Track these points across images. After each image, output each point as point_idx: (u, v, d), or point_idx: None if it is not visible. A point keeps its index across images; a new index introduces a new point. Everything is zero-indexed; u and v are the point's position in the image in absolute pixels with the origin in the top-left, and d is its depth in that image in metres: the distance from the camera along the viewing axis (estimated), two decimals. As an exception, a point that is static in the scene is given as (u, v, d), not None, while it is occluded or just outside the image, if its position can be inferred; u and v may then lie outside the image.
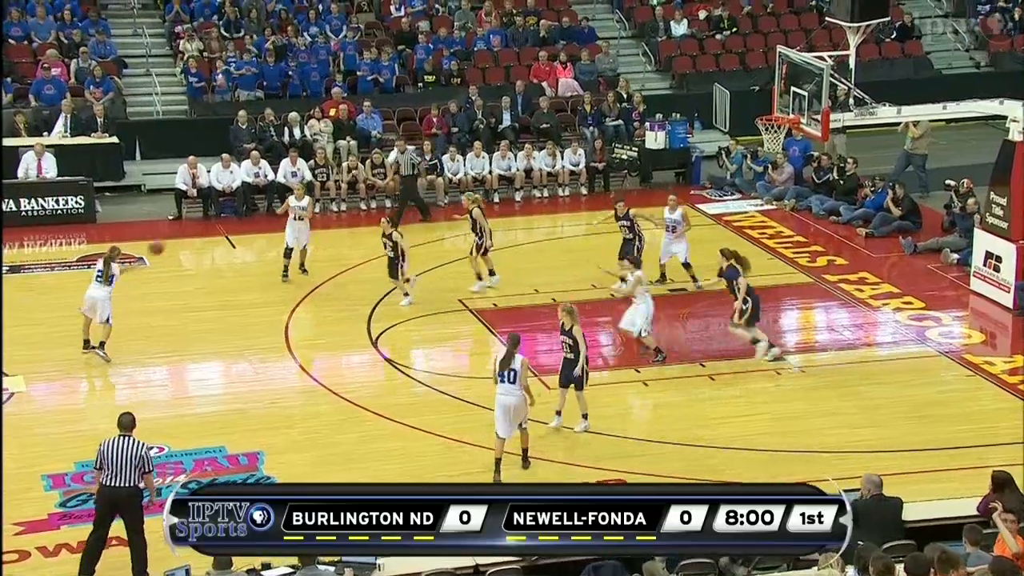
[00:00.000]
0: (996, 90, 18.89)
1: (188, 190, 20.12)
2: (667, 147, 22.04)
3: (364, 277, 17.27)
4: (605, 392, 13.48)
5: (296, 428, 12.73)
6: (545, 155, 21.50)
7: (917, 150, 20.83)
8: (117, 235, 18.75)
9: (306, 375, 14.12)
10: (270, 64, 23.02)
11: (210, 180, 20.19)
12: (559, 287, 16.65)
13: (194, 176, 20.08)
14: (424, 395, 13.55)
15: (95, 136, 20.86)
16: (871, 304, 16.22)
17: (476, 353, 15.07)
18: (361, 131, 21.93)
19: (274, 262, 17.13)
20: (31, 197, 19.48)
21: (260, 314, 15.80)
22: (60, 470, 11.49)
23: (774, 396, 13.52)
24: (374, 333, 15.18)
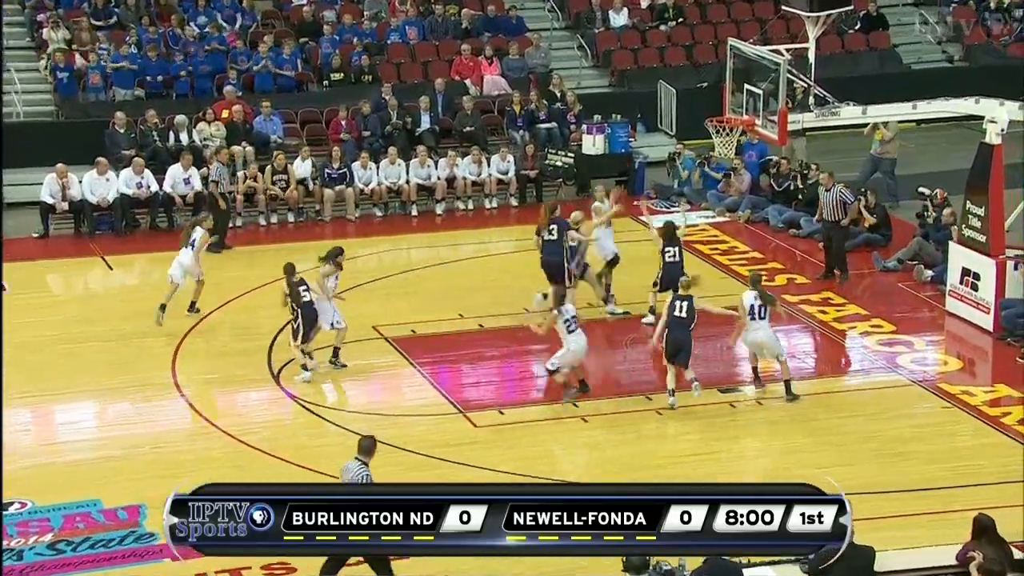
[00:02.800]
0: (971, 87, 19.39)
1: (56, 203, 19.79)
2: (606, 152, 22.23)
3: (264, 302, 17.11)
4: (537, 430, 13.49)
5: (183, 477, 12.46)
6: (469, 162, 21.55)
7: (886, 154, 21.26)
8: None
9: (197, 415, 13.97)
10: (152, 59, 22.78)
11: (83, 192, 19.90)
12: (486, 311, 16.66)
13: (63, 187, 19.77)
14: (336, 437, 13.43)
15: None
16: (836, 328, 16.46)
17: (393, 387, 14.99)
18: (259, 136, 21.79)
19: (159, 286, 16.88)
20: None
21: (142, 346, 15.58)
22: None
23: (729, 432, 13.64)
24: (276, 366, 15.03)
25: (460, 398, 14.30)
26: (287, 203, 20.86)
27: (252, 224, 20.79)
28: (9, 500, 11.71)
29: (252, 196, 20.73)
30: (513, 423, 13.69)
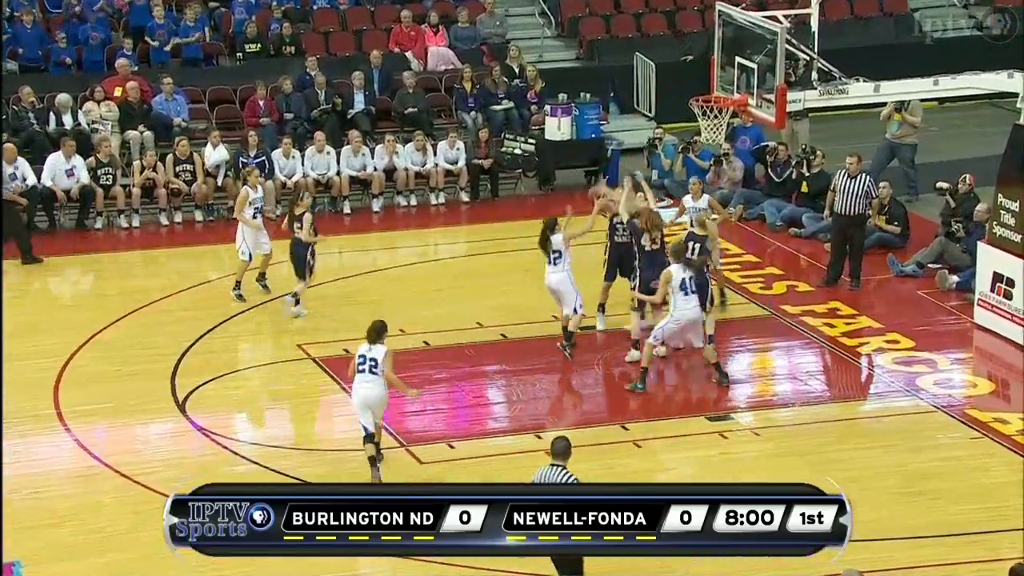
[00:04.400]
0: (1002, 60, 19.53)
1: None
2: (573, 138, 22.29)
3: (167, 317, 16.99)
4: (494, 467, 13.46)
5: (67, 527, 12.44)
6: (412, 150, 21.53)
7: (904, 139, 21.42)
8: None
9: (83, 452, 13.86)
10: (26, 25, 22.57)
11: (-55, 185, 19.69)
12: (433, 325, 16.63)
13: (-80, 180, 19.55)
14: (250, 475, 13.35)
15: None
16: (845, 344, 16.56)
17: (322, 416, 14.94)
18: (159, 118, 21.67)
19: (39, 296, 16.74)
20: None
21: (17, 369, 15.39)
22: None
23: (721, 467, 13.67)
24: (181, 392, 14.93)
25: (402, 429, 14.26)
26: (193, 199, 20.74)
27: (152, 223, 20.65)
28: None
29: (151, 191, 20.60)
30: (465, 458, 13.66)
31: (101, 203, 20.38)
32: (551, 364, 15.69)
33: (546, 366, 15.70)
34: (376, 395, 13.11)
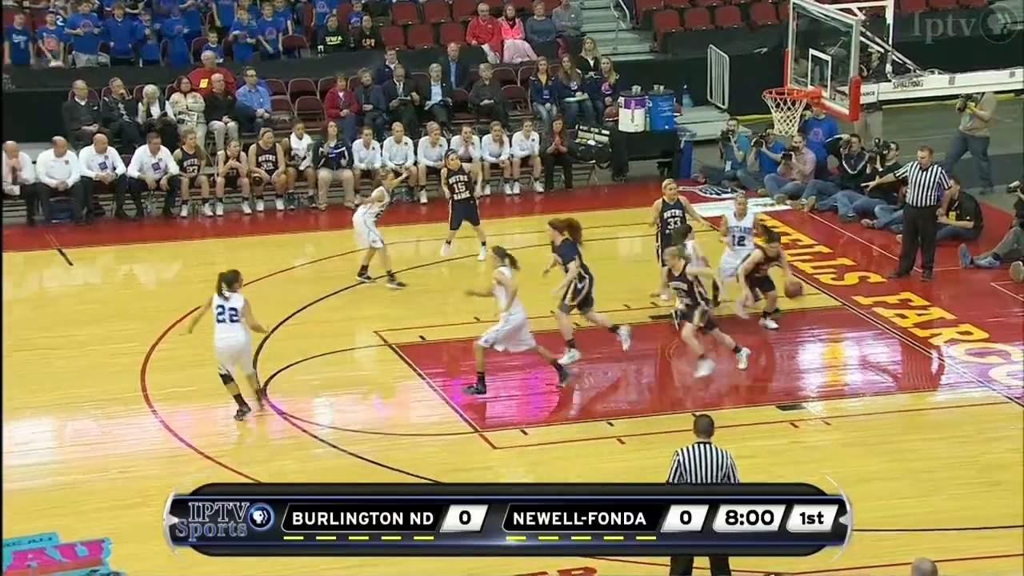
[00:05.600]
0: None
1: (6, 187, 19.85)
2: (647, 129, 22.18)
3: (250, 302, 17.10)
4: (564, 453, 13.43)
5: (153, 506, 12.47)
6: (489, 141, 21.50)
7: (977, 131, 21.10)
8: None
9: (169, 434, 13.94)
10: (117, 19, 22.82)
11: (37, 174, 19.95)
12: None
13: (14, 169, 19.83)
14: (329, 460, 13.41)
15: None
16: (917, 335, 16.34)
17: (398, 403, 14.95)
18: (243, 109, 21.81)
19: (126, 282, 16.92)
20: None
21: (107, 354, 15.61)
22: None
23: (790, 456, 13.54)
24: (262, 377, 15.02)
25: (476, 415, 14.25)
26: (275, 188, 20.87)
27: (235, 212, 20.81)
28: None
29: (234, 180, 20.75)
30: (538, 444, 13.62)
31: (186, 192, 20.57)
32: (622, 353, 15.61)
33: (617, 354, 15.62)
34: (238, 343, 13.56)
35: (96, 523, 12.06)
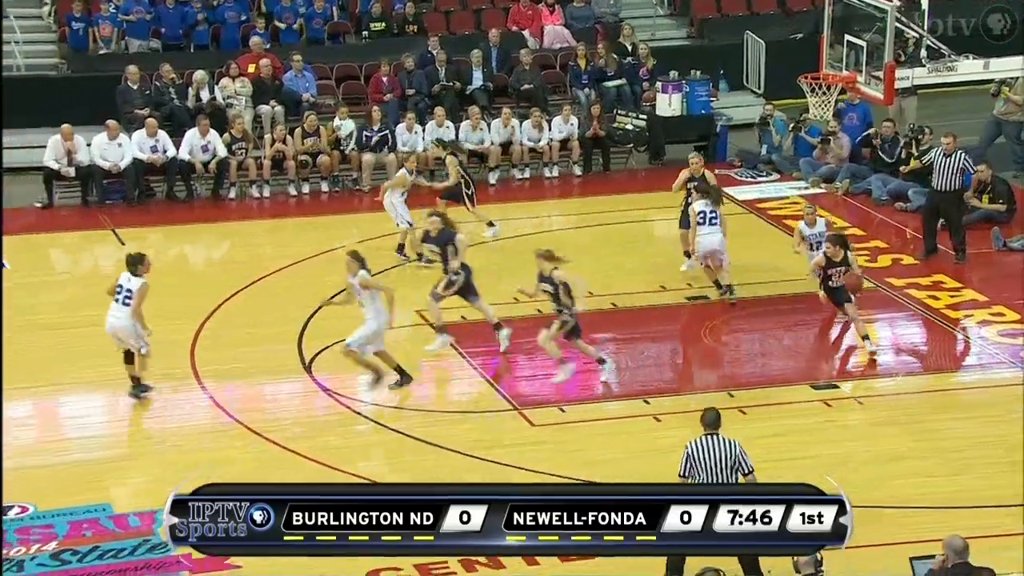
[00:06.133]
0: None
1: (62, 169, 20.00)
2: (684, 114, 22.11)
3: (294, 283, 17.18)
4: (603, 431, 13.43)
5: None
6: (529, 126, 21.49)
7: (1011, 116, 20.90)
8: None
9: (218, 410, 14.02)
10: (168, 6, 22.92)
11: (91, 156, 20.09)
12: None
13: (69, 151, 19.96)
14: (372, 435, 13.47)
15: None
16: (949, 316, 16.24)
17: (440, 381, 14.99)
18: (289, 93, 21.88)
19: (176, 262, 17.03)
20: None
21: (158, 331, 15.67)
22: None
23: (823, 434, 13.51)
24: (307, 355, 15.10)
25: (515, 393, 14.28)
26: (320, 171, 20.95)
27: (281, 194, 20.90)
28: (8, 504, 11.84)
29: (281, 162, 20.83)
30: (576, 422, 13.64)
31: (234, 174, 20.67)
32: (659, 332, 15.61)
33: (654, 334, 15.62)
34: (121, 325, 13.56)
35: (148, 495, 12.15)
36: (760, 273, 17.03)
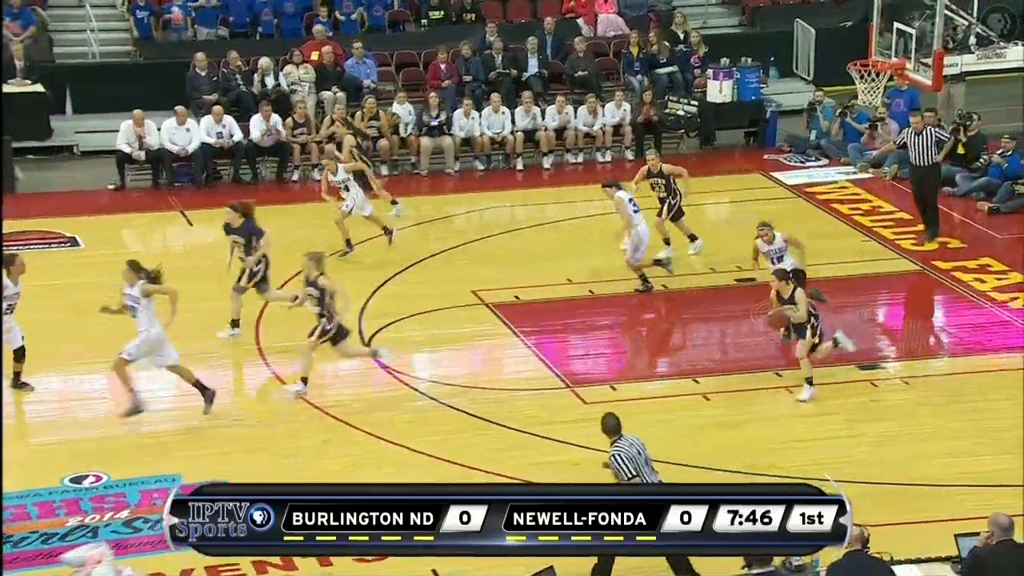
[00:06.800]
0: None
1: (133, 153, 20.16)
2: (734, 100, 21.95)
3: (354, 262, 17.25)
4: (653, 408, 13.41)
5: (268, 451, 12.73)
6: (585, 112, 21.42)
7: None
8: (43, 209, 18.85)
9: (281, 385, 14.11)
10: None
11: (161, 140, 20.24)
12: (598, 276, 16.57)
13: (140, 136, 20.12)
14: (428, 410, 13.52)
15: (13, 84, 20.89)
16: (995, 299, 16.06)
17: (494, 359, 15.01)
18: (351, 80, 21.93)
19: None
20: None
21: (223, 309, 15.79)
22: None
23: (868, 413, 13.41)
24: (366, 333, 15.16)
25: (567, 371, 14.27)
26: (379, 155, 20.99)
27: (342, 177, 20.95)
28: (83, 473, 12.02)
29: (341, 145, 20.84)
30: (627, 399, 13.62)
31: (298, 158, 20.76)
32: (708, 313, 15.55)
33: (704, 315, 15.56)
34: None
35: (216, 466, 12.26)
36: (809, 255, 16.90)
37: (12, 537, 10.95)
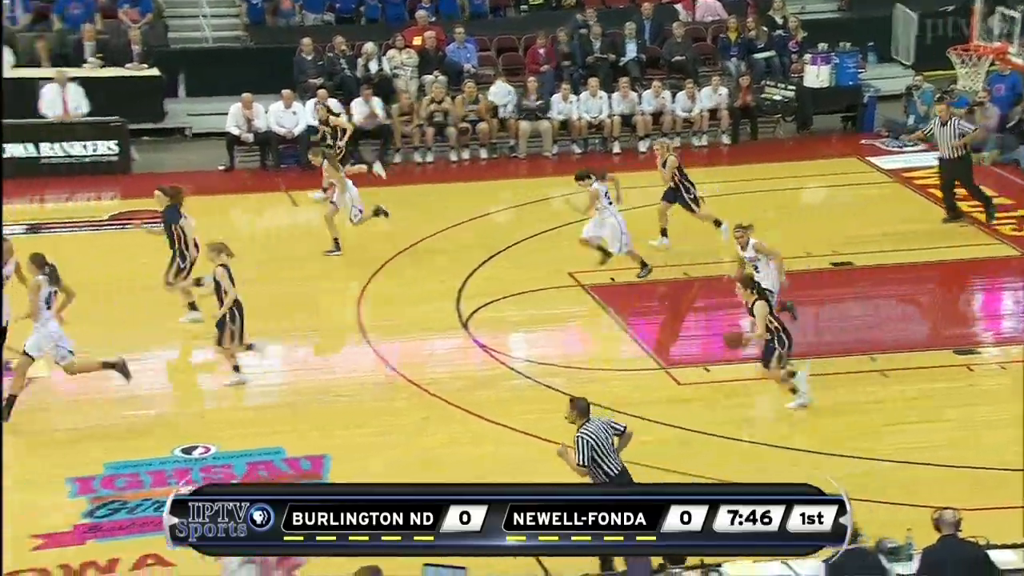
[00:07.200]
0: None
1: (242, 135, 20.46)
2: (832, 85, 21.66)
3: (454, 243, 17.35)
4: (746, 391, 13.33)
5: (368, 427, 12.87)
6: (683, 97, 21.29)
7: None
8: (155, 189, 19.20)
9: (382, 363, 14.24)
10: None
11: (268, 123, 20.51)
12: (693, 259, 16.50)
13: (249, 118, 20.41)
14: (525, 389, 13.58)
15: (130, 68, 21.29)
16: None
17: (589, 340, 15.02)
18: (452, 64, 22.02)
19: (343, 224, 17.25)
20: (54, 141, 19.98)
21: (326, 288, 16.01)
22: (87, 473, 11.79)
23: (961, 398, 13.22)
24: (464, 313, 15.24)
25: (662, 352, 14.23)
26: (479, 138, 21.06)
27: (442, 160, 21.07)
28: (193, 444, 12.28)
29: (442, 129, 20.99)
30: (720, 381, 13.56)
31: (399, 141, 20.91)
32: (803, 297, 15.36)
33: (799, 298, 15.38)
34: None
35: (318, 440, 12.44)
36: (907, 240, 16.71)
37: (128, 504, 11.24)
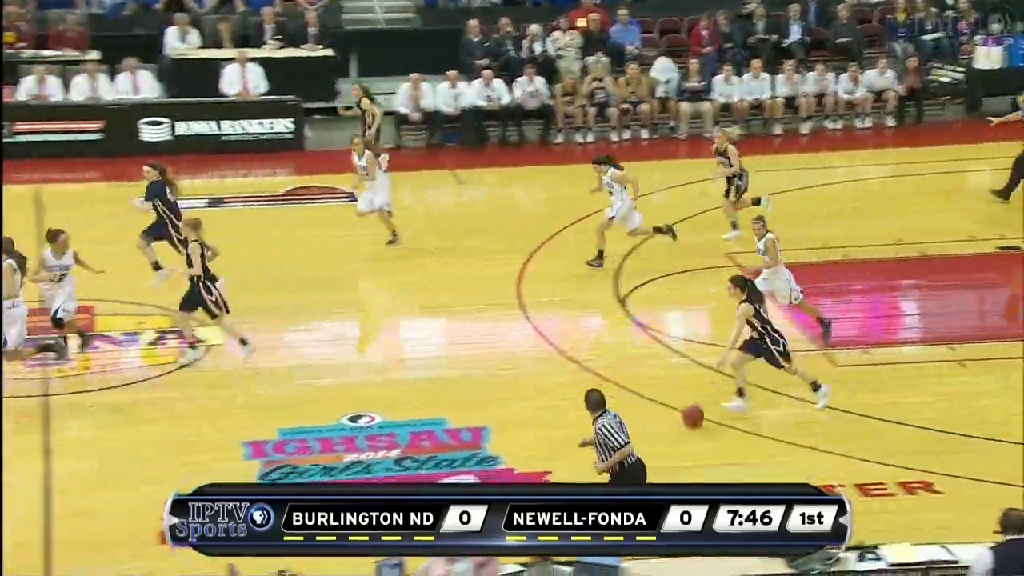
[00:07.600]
0: None
1: (410, 114, 20.76)
2: (1004, 66, 20.97)
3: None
4: (905, 374, 13.08)
5: (527, 402, 12.98)
6: (847, 79, 20.89)
7: None
8: (327, 166, 19.65)
9: (541, 339, 14.32)
10: (504, -35, 23.34)
11: (435, 102, 20.76)
12: (852, 240, 16.21)
13: (416, 98, 20.70)
14: (680, 369, 13.54)
15: (305, 48, 21.79)
16: None
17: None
18: (615, 46, 21.98)
19: (507, 203, 17.40)
20: (234, 119, 20.62)
21: (487, 264, 16.14)
22: (261, 437, 12.19)
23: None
24: (623, 291, 15.25)
25: (820, 334, 14.03)
26: (640, 118, 21.00)
27: (602, 140, 21.07)
28: (359, 413, 12.57)
29: (604, 109, 20.98)
30: (878, 364, 13.33)
31: (561, 120, 20.99)
32: (967, 280, 15.03)
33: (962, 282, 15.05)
34: None
35: (478, 413, 12.60)
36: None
37: (297, 468, 11.60)
